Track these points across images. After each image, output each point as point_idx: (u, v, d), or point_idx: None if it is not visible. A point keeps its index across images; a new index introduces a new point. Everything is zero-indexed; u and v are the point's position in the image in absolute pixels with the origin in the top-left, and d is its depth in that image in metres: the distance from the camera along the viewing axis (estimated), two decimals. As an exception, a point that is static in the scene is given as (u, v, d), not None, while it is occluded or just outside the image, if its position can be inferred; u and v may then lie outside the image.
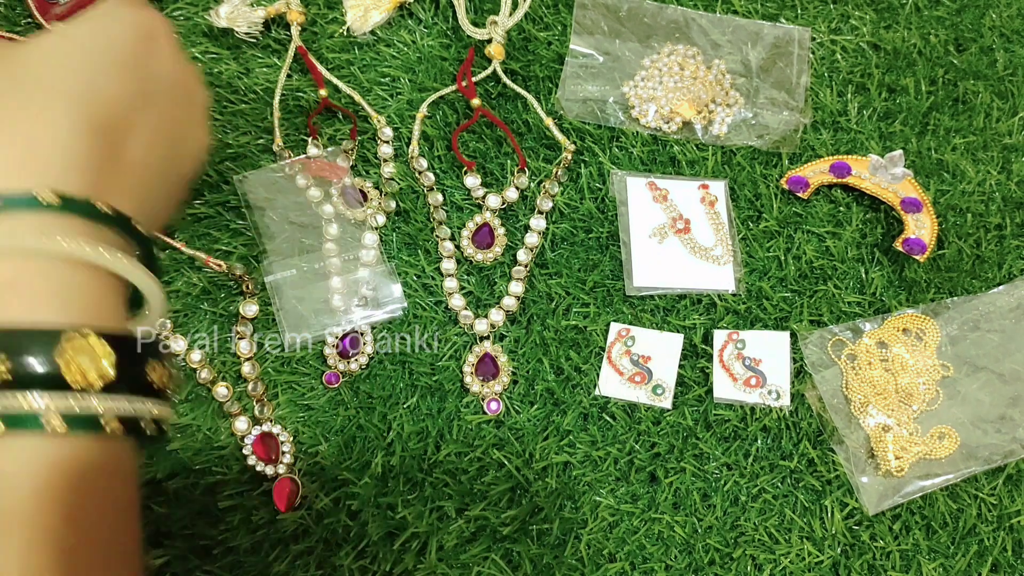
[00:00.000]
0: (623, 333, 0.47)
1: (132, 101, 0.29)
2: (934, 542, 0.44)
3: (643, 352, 0.47)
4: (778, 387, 0.46)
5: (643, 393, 0.46)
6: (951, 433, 0.46)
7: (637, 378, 0.46)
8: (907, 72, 0.55)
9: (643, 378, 0.46)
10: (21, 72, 0.27)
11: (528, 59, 0.54)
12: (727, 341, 0.47)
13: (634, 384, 0.46)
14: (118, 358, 0.25)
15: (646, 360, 0.46)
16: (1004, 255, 0.50)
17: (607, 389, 0.46)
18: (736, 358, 0.46)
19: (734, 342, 0.47)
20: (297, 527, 0.43)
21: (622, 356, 0.47)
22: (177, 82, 0.32)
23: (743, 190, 0.51)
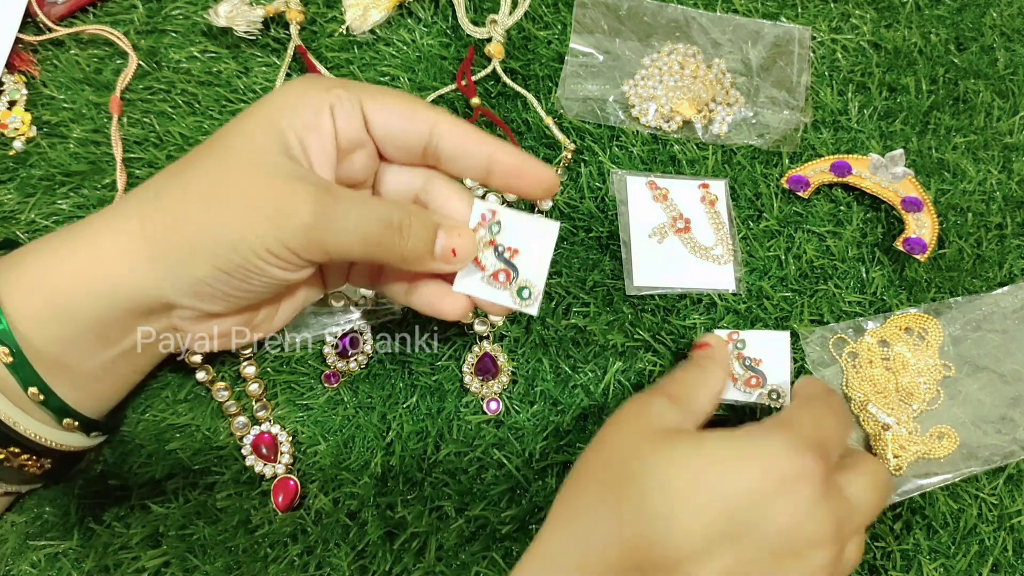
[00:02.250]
0: (487, 216, 0.38)
1: None
2: (935, 542, 0.44)
3: (510, 243, 0.38)
4: (778, 387, 0.46)
5: (506, 296, 0.38)
6: (950, 433, 0.46)
7: (501, 276, 0.38)
8: (908, 71, 0.55)
9: (508, 276, 0.38)
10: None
11: (528, 58, 0.54)
12: (727, 341, 0.46)
13: (496, 284, 0.38)
14: None
15: (513, 253, 0.38)
16: (1005, 254, 0.50)
17: (461, 285, 0.38)
18: (736, 358, 0.46)
19: (734, 342, 0.46)
20: (296, 527, 0.43)
21: (485, 246, 0.38)
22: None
23: (743, 189, 0.51)
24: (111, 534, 0.42)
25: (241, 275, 0.34)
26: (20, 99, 0.52)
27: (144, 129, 0.51)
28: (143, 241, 0.34)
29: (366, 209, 0.34)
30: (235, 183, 0.33)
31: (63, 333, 0.36)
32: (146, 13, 0.55)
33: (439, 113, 0.37)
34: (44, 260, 0.36)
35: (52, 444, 0.37)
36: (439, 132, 0.36)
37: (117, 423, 0.43)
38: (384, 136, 0.37)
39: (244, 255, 0.33)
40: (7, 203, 0.49)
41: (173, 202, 0.35)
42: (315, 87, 0.36)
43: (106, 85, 0.52)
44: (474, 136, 0.37)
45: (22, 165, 0.50)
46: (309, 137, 0.35)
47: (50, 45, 0.54)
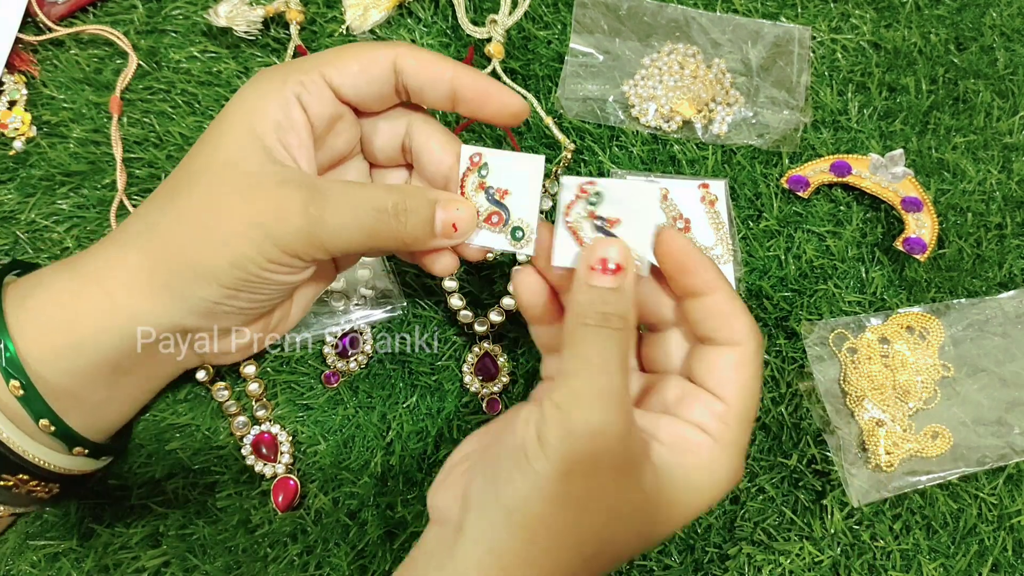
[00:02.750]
0: (475, 159, 0.36)
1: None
2: (935, 542, 0.44)
3: (499, 184, 0.36)
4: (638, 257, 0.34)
5: (502, 239, 0.36)
6: (944, 433, 0.46)
7: (494, 218, 0.36)
8: (907, 71, 0.55)
9: (500, 219, 0.36)
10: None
11: (528, 58, 0.54)
12: (577, 196, 0.34)
13: (490, 227, 0.36)
14: None
15: (503, 194, 0.36)
16: (1005, 254, 0.50)
17: None
18: (587, 218, 0.34)
19: (587, 195, 0.34)
20: (296, 527, 0.43)
21: (476, 190, 0.36)
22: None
23: (743, 189, 0.51)
24: (111, 534, 0.42)
25: (249, 288, 0.35)
26: (20, 99, 0.52)
27: (144, 129, 0.51)
28: (146, 274, 0.35)
29: (358, 201, 0.34)
30: (226, 202, 0.34)
31: (76, 367, 0.36)
32: (146, 13, 0.55)
33: (396, 47, 0.36)
34: (53, 296, 0.36)
35: (62, 470, 0.38)
36: (400, 67, 0.36)
37: (124, 445, 0.43)
38: (355, 96, 0.36)
39: (247, 269, 0.34)
40: (7, 203, 0.49)
41: (169, 231, 0.35)
42: (275, 81, 0.35)
43: (106, 85, 0.52)
44: (435, 62, 0.36)
45: (22, 165, 0.50)
46: (286, 136, 0.35)
47: (50, 45, 0.54)
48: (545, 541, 0.29)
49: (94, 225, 0.49)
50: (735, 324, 0.33)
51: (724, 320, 0.33)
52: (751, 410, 0.33)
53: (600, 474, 0.29)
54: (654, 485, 0.30)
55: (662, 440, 0.32)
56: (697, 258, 0.33)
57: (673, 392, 0.34)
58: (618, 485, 0.30)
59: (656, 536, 0.32)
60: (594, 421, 0.29)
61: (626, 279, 0.32)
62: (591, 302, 0.31)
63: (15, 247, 0.48)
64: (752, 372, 0.33)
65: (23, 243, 0.48)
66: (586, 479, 0.29)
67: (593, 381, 0.30)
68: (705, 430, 0.32)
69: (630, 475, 0.30)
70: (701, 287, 0.33)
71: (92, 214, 0.49)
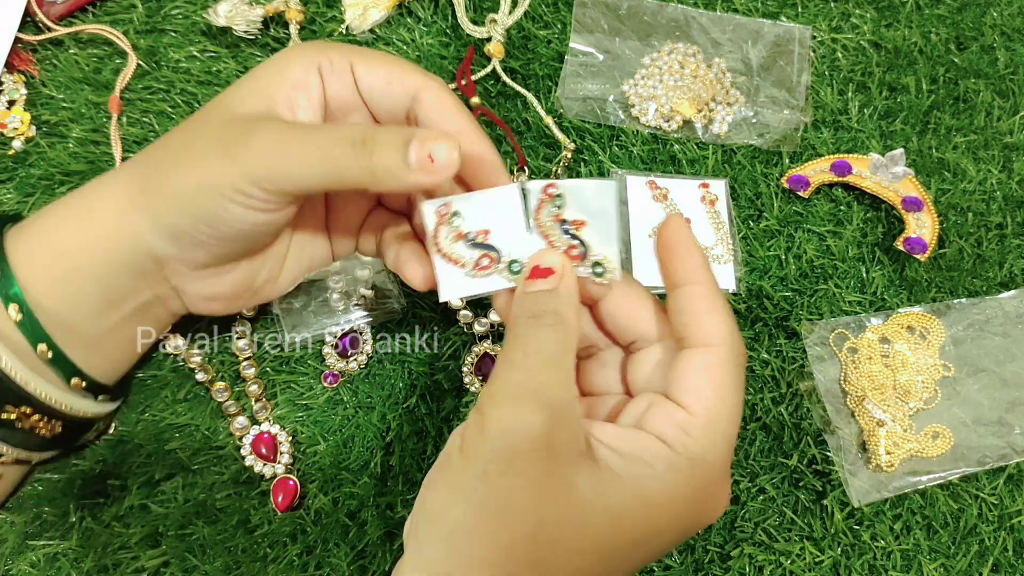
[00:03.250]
0: (443, 211, 0.34)
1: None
2: (935, 542, 0.44)
3: (477, 226, 0.34)
4: (604, 257, 0.33)
5: (500, 279, 0.34)
6: (945, 433, 0.46)
7: (484, 262, 0.34)
8: (908, 71, 0.55)
9: (491, 260, 0.34)
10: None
11: (528, 57, 0.54)
12: (542, 200, 0.33)
13: (482, 271, 0.34)
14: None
15: (485, 235, 0.34)
16: (1005, 254, 0.50)
17: (449, 292, 0.34)
18: (555, 220, 0.33)
19: (551, 199, 0.33)
20: (295, 527, 0.43)
21: (453, 241, 0.34)
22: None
23: (743, 189, 0.51)
24: (110, 534, 0.42)
25: (210, 217, 0.34)
26: (19, 99, 0.52)
27: (143, 129, 0.51)
28: (127, 195, 0.36)
29: (325, 130, 0.33)
30: (205, 132, 0.35)
31: (69, 293, 0.37)
32: (145, 12, 0.55)
33: (427, 80, 0.35)
34: (48, 224, 0.37)
35: (62, 406, 0.38)
36: (420, 99, 0.35)
37: (125, 390, 0.44)
38: (370, 99, 0.37)
39: (209, 195, 0.34)
40: (7, 202, 0.49)
41: (154, 152, 0.37)
42: (308, 48, 0.36)
43: (105, 84, 0.52)
44: (450, 113, 0.35)
45: (21, 164, 0.50)
46: (296, 95, 0.35)
47: (49, 44, 0.54)
48: (469, 548, 0.28)
49: (93, 225, 0.49)
50: (709, 321, 0.30)
51: (699, 316, 0.31)
52: (724, 422, 0.30)
53: (517, 473, 0.27)
54: (592, 491, 0.28)
55: (616, 448, 0.29)
56: (686, 243, 0.32)
57: (641, 405, 0.31)
58: (540, 486, 0.28)
59: (610, 549, 0.29)
60: (507, 418, 0.28)
61: (562, 280, 0.31)
62: (522, 307, 0.31)
63: (14, 247, 0.48)
64: (724, 379, 0.30)
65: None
66: (503, 478, 0.27)
67: (510, 379, 0.29)
68: (665, 440, 0.29)
69: (554, 475, 0.28)
70: (683, 274, 0.31)
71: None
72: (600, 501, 0.28)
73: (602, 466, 0.29)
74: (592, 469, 0.28)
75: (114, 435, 0.44)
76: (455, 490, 0.28)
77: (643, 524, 0.29)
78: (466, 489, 0.28)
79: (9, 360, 0.36)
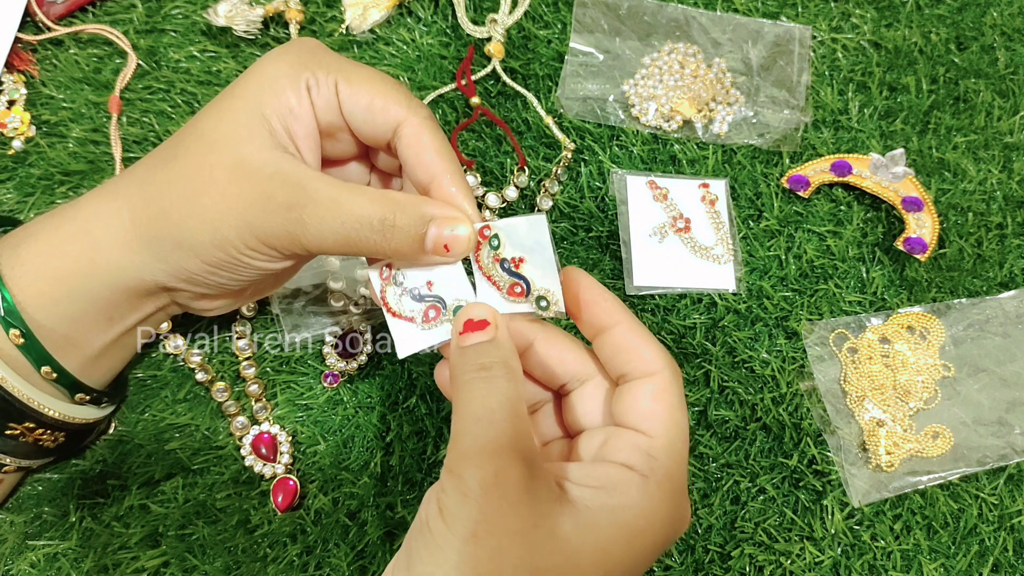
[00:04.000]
0: (385, 274, 0.35)
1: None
2: (935, 542, 0.44)
3: (419, 280, 0.35)
4: (547, 291, 0.33)
5: (450, 327, 0.34)
6: (945, 433, 0.46)
7: (432, 313, 0.34)
8: (908, 71, 0.55)
9: (437, 311, 0.34)
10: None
11: (528, 57, 0.54)
12: (479, 242, 0.34)
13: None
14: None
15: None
16: (1005, 254, 0.50)
17: (405, 348, 0.35)
18: (494, 261, 0.34)
19: (487, 240, 0.34)
20: (295, 527, 0.43)
21: (399, 299, 0.35)
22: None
23: (744, 189, 0.51)
24: (110, 534, 0.42)
25: (227, 268, 0.35)
26: (19, 98, 0.52)
27: (143, 128, 0.51)
28: (133, 230, 0.36)
29: (344, 208, 0.33)
30: (217, 180, 0.33)
31: (70, 313, 0.37)
32: (145, 12, 0.55)
33: (409, 114, 0.35)
34: (44, 245, 0.37)
35: (66, 418, 0.39)
36: (399, 134, 0.35)
37: (124, 391, 0.44)
38: (352, 124, 0.36)
39: (227, 251, 0.34)
40: (6, 202, 0.49)
41: (158, 193, 0.35)
42: (292, 65, 0.35)
43: (105, 84, 0.52)
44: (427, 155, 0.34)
45: (21, 164, 0.50)
46: (293, 124, 0.35)
47: (49, 44, 0.54)
48: None
49: (93, 225, 0.49)
50: (644, 353, 0.32)
51: (633, 352, 0.32)
52: (680, 442, 0.31)
53: (505, 530, 0.27)
54: (576, 531, 0.28)
55: (587, 484, 0.30)
56: (596, 291, 0.32)
57: (597, 440, 0.32)
58: (528, 538, 0.27)
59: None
60: (488, 477, 0.27)
61: (498, 331, 0.31)
62: (466, 360, 0.31)
63: (14, 247, 0.48)
64: (672, 401, 0.31)
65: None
66: (492, 538, 0.27)
67: (479, 436, 0.28)
68: (631, 467, 0.30)
69: (540, 525, 0.28)
70: (604, 319, 0.32)
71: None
72: (586, 539, 0.28)
73: (579, 505, 0.29)
74: (571, 510, 0.29)
75: (114, 435, 0.44)
76: (443, 559, 0.27)
77: (628, 551, 0.29)
78: (455, 555, 0.27)
79: (13, 381, 0.36)
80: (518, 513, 0.27)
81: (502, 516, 0.27)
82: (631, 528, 0.29)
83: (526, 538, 0.27)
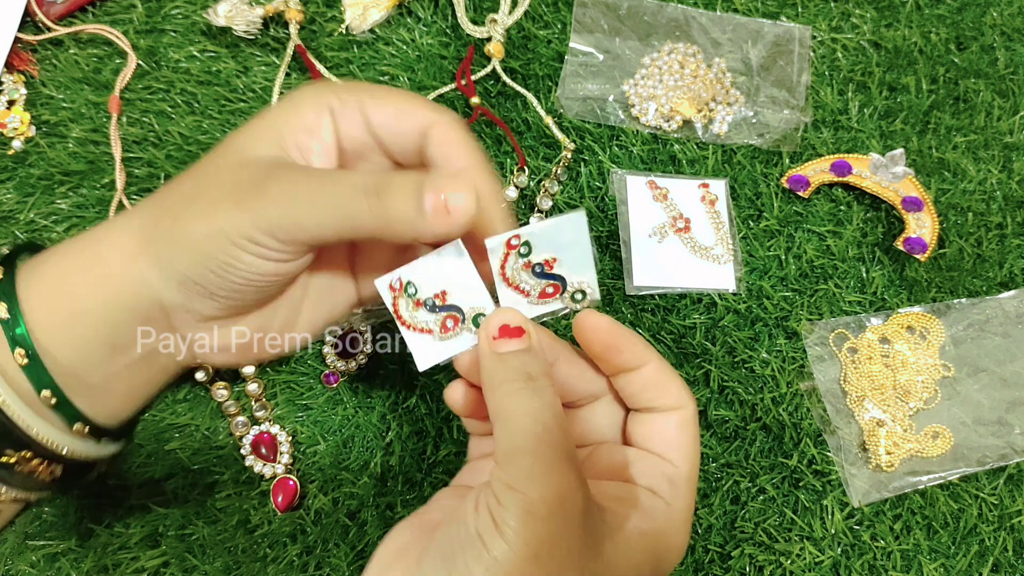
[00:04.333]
0: (395, 285, 0.34)
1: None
2: (935, 542, 0.44)
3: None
4: (582, 283, 0.34)
5: (470, 336, 0.35)
6: (945, 433, 0.46)
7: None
8: (908, 70, 0.55)
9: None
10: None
11: (528, 57, 0.54)
12: (507, 253, 0.33)
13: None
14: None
15: (443, 296, 0.34)
16: (1005, 254, 0.50)
17: (424, 361, 0.35)
18: (523, 269, 0.34)
19: (515, 250, 0.33)
20: (295, 527, 0.43)
21: (414, 311, 0.34)
22: None
23: (743, 189, 0.51)
24: (110, 534, 0.42)
25: (220, 266, 0.33)
26: (19, 98, 0.52)
27: (143, 128, 0.51)
28: (138, 239, 0.35)
29: (337, 178, 0.33)
30: (217, 177, 0.34)
31: (76, 338, 0.36)
32: (145, 12, 0.55)
33: (437, 115, 0.35)
34: (60, 267, 0.36)
35: (63, 450, 0.37)
36: (429, 135, 0.35)
37: (128, 432, 0.42)
38: (381, 137, 0.36)
39: (220, 243, 0.33)
40: (6, 203, 0.49)
41: (166, 195, 0.36)
42: (317, 90, 0.35)
43: (105, 84, 0.52)
44: (458, 150, 0.34)
45: (21, 164, 0.50)
46: (308, 140, 0.35)
47: (49, 44, 0.54)
48: None
49: (93, 224, 0.49)
50: (673, 390, 0.33)
51: (662, 389, 0.33)
52: (696, 472, 0.33)
53: (567, 552, 0.27)
54: (615, 554, 0.29)
55: (620, 507, 0.30)
56: (624, 335, 0.33)
57: (617, 458, 0.33)
58: (582, 561, 0.28)
59: None
60: (553, 498, 0.27)
61: (532, 339, 0.31)
62: (509, 368, 0.30)
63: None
64: (694, 434, 0.33)
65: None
66: (552, 560, 0.27)
67: (542, 454, 0.28)
68: (658, 494, 0.31)
69: (591, 547, 0.28)
70: (633, 362, 0.33)
71: (91, 214, 0.49)
72: (624, 563, 0.29)
73: (614, 527, 0.30)
74: (613, 534, 0.29)
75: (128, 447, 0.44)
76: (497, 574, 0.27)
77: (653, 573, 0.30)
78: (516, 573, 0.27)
79: (13, 404, 0.35)
80: (578, 536, 0.28)
81: (564, 539, 0.27)
82: (657, 553, 0.30)
83: (580, 561, 0.28)
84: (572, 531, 0.28)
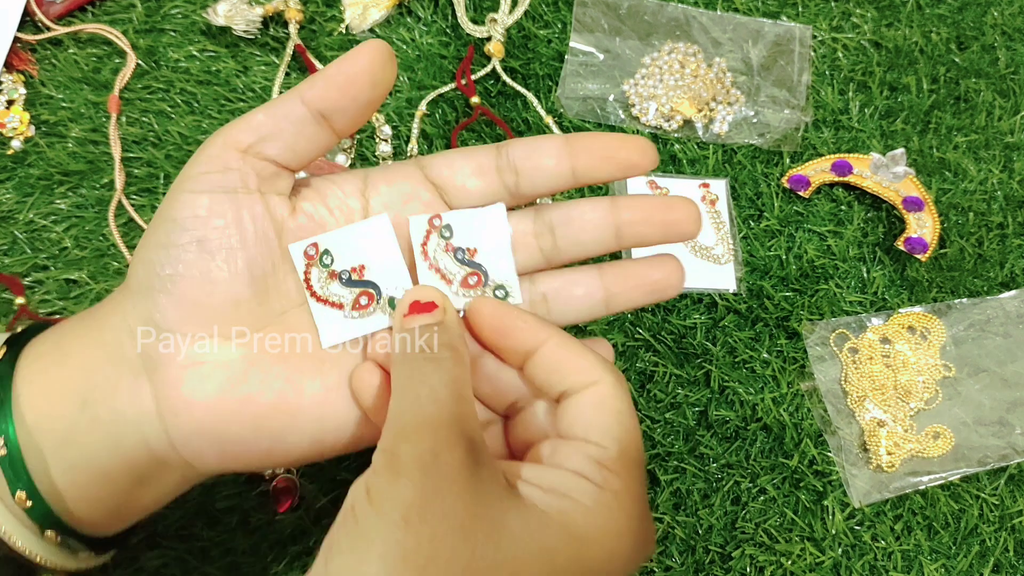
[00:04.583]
0: (311, 251, 0.32)
1: None
2: (936, 542, 0.44)
3: (350, 263, 0.32)
4: (503, 281, 0.33)
5: (383, 317, 0.33)
6: (946, 433, 0.46)
7: (363, 300, 0.32)
8: (909, 70, 0.55)
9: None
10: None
11: (528, 57, 0.54)
12: (429, 231, 0.32)
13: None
14: None
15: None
16: (1006, 254, 0.50)
17: (330, 337, 0.32)
18: (445, 251, 0.32)
19: (437, 229, 0.32)
20: (295, 528, 0.43)
21: (327, 282, 0.32)
22: None
23: (744, 189, 0.51)
24: (110, 535, 0.42)
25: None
26: (18, 98, 0.52)
27: (143, 128, 0.51)
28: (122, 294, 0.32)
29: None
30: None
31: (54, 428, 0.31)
32: (145, 12, 0.54)
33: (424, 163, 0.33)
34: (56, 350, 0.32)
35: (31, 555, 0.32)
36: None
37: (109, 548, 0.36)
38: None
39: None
40: (5, 203, 0.49)
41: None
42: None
43: (104, 84, 0.52)
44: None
45: (20, 164, 0.50)
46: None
47: (48, 44, 0.54)
48: None
49: (92, 225, 0.49)
50: (583, 366, 0.29)
51: (568, 367, 0.29)
52: (634, 452, 0.29)
53: (443, 516, 0.24)
54: (522, 530, 0.26)
55: (539, 485, 0.27)
56: (511, 315, 0.30)
57: (545, 450, 0.29)
58: (468, 528, 0.24)
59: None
60: (425, 453, 0.25)
61: (447, 314, 0.30)
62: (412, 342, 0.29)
63: (13, 247, 0.48)
64: (620, 408, 0.29)
65: (21, 243, 0.48)
66: (426, 525, 0.24)
67: (417, 414, 0.26)
68: (584, 476, 0.27)
69: (482, 516, 0.25)
70: (528, 343, 0.30)
71: (91, 214, 0.49)
72: (532, 540, 0.26)
73: (528, 503, 0.26)
74: (519, 507, 0.26)
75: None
76: (367, 548, 0.24)
77: (576, 561, 0.27)
78: (381, 543, 0.24)
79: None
80: (458, 498, 0.24)
81: (439, 499, 0.24)
82: (582, 537, 0.27)
83: (465, 528, 0.24)
84: (450, 492, 0.24)
